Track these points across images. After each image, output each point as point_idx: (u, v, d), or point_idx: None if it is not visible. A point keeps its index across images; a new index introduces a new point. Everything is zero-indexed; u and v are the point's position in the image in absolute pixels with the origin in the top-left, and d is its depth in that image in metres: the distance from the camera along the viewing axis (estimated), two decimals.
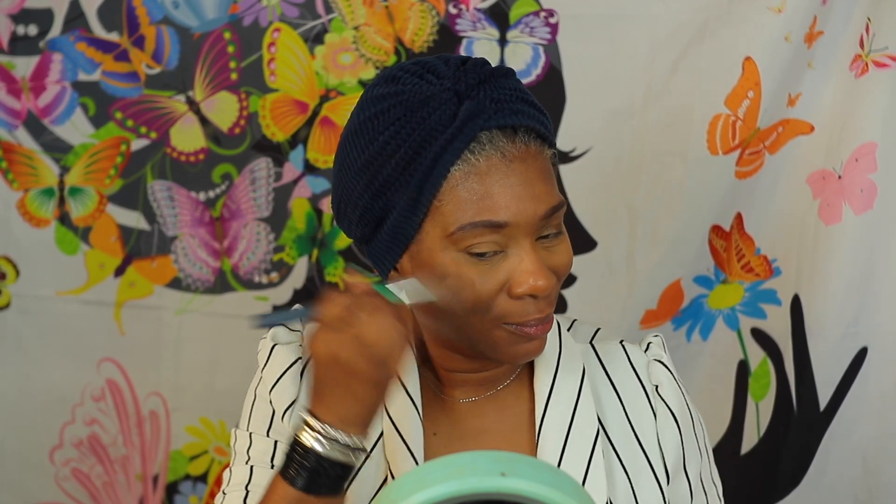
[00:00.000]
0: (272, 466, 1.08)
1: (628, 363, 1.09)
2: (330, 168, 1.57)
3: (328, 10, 1.52)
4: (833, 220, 1.50)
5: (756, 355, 1.60)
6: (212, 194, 1.59)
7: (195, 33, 1.54)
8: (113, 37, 1.55)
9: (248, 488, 1.04)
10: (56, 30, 1.55)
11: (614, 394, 1.07)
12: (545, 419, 1.04)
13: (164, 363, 1.63)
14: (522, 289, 0.94)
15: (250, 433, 1.10)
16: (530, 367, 1.08)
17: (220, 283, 1.61)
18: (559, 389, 1.05)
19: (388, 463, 1.03)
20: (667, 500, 1.05)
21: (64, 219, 1.60)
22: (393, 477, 1.02)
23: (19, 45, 1.55)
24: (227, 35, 1.54)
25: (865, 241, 1.49)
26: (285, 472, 0.89)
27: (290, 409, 1.06)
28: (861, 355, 1.54)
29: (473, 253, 0.94)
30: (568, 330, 1.11)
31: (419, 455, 1.02)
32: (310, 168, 1.57)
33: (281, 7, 1.53)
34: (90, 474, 1.67)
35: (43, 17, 1.55)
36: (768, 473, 1.60)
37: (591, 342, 1.11)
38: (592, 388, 1.07)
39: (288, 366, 1.08)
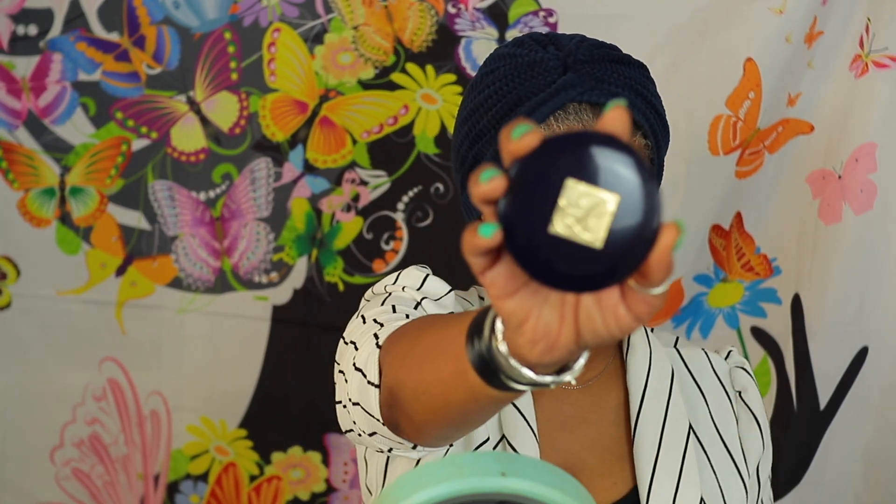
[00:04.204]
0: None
1: (711, 369, 1.11)
2: (329, 168, 1.57)
3: (328, 10, 1.53)
4: (833, 220, 1.50)
5: (756, 354, 1.60)
6: (212, 194, 1.59)
7: (195, 33, 1.54)
8: (113, 37, 1.55)
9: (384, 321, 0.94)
10: (56, 30, 1.55)
11: (700, 396, 1.09)
12: (641, 415, 1.05)
13: (166, 363, 1.63)
14: None
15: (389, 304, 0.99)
16: (621, 362, 1.09)
17: (221, 283, 1.61)
18: (653, 387, 1.06)
19: (502, 430, 1.02)
20: (749, 499, 1.07)
21: (65, 219, 1.60)
22: (509, 443, 1.02)
23: (19, 45, 1.55)
24: (227, 35, 1.54)
25: (865, 241, 1.50)
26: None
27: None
28: (861, 354, 1.54)
29: None
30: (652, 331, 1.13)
31: (534, 427, 1.02)
32: (309, 168, 1.57)
33: (281, 7, 1.53)
34: (91, 474, 1.68)
35: (43, 17, 1.55)
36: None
37: (675, 346, 1.13)
38: (680, 388, 1.08)
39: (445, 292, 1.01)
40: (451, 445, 0.97)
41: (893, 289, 1.52)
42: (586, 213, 0.61)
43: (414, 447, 0.92)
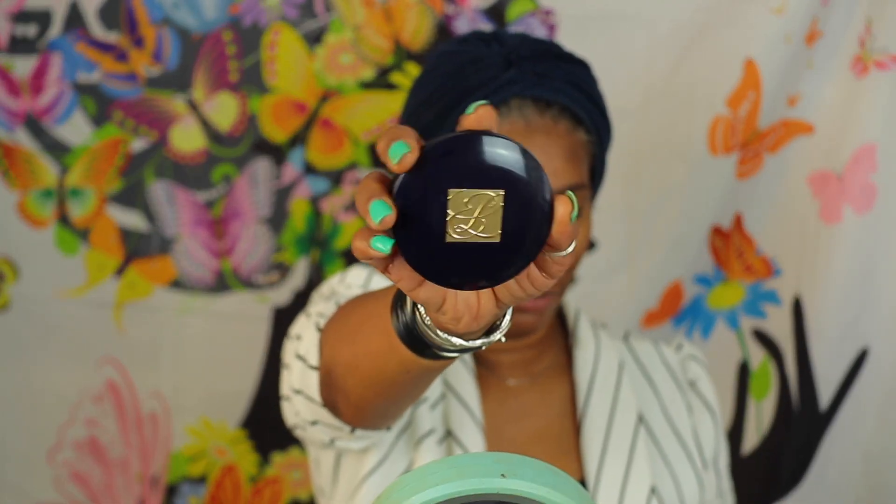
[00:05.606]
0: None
1: (662, 361, 1.12)
2: (329, 169, 1.57)
3: (328, 10, 1.53)
4: (833, 221, 1.50)
5: (757, 355, 1.60)
6: (212, 195, 1.59)
7: (195, 34, 1.54)
8: (112, 37, 1.54)
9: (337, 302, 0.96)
10: (55, 30, 1.55)
11: (651, 387, 1.10)
12: (588, 407, 1.05)
13: (164, 364, 1.63)
14: None
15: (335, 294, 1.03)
16: (568, 356, 1.10)
17: (220, 284, 1.60)
18: (600, 379, 1.07)
19: (447, 425, 1.03)
20: (704, 487, 1.08)
21: (64, 219, 1.60)
22: (454, 438, 1.03)
23: (19, 46, 1.55)
24: (227, 36, 1.54)
25: (866, 242, 1.50)
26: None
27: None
28: (862, 355, 1.54)
29: None
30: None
31: (479, 421, 1.03)
32: (309, 169, 1.57)
33: (281, 7, 1.53)
34: (89, 475, 1.67)
35: (42, 18, 1.54)
36: (769, 473, 1.60)
37: (625, 340, 1.14)
38: (629, 380, 1.09)
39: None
40: (388, 429, 0.97)
41: (894, 289, 1.52)
42: (477, 214, 0.61)
43: (352, 431, 0.92)
